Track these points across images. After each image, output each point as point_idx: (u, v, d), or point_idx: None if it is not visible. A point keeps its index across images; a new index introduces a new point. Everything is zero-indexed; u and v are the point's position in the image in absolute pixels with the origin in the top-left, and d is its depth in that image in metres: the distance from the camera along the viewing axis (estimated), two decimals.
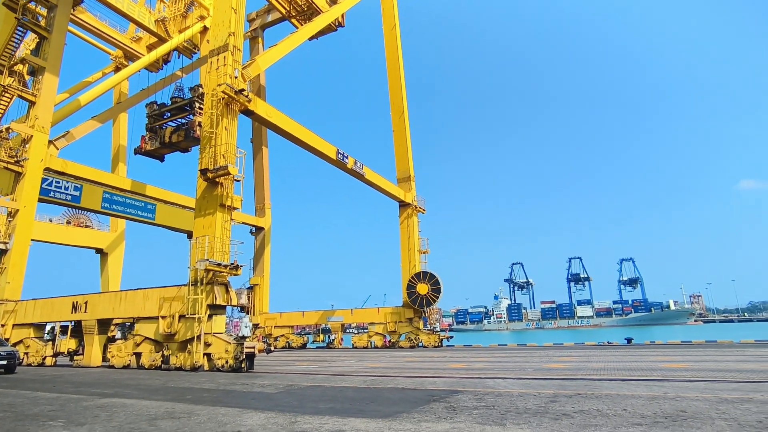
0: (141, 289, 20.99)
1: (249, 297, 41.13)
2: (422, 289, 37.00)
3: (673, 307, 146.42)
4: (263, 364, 21.46)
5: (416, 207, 41.12)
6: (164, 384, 13.06)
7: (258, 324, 42.60)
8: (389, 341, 38.60)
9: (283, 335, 42.73)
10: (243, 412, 7.79)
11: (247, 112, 23.62)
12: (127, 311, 21.12)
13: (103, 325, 22.61)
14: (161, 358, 19.17)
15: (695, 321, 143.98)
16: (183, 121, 27.28)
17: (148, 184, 34.58)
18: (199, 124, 24.97)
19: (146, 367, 19.36)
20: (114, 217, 39.03)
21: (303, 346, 42.13)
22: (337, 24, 37.48)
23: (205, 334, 18.17)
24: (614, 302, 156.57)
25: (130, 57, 42.60)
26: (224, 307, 19.57)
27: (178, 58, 39.60)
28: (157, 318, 19.58)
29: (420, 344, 36.59)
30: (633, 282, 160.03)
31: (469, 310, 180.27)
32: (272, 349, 37.77)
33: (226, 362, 17.52)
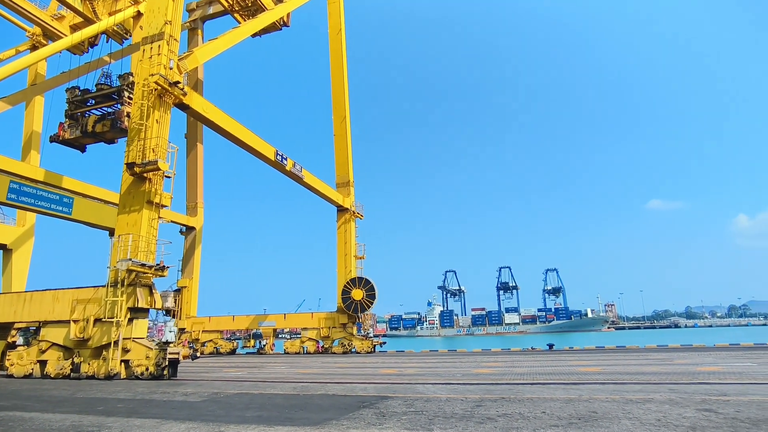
0: (50, 290, 19.19)
1: (176, 300, 38.97)
2: (357, 294, 36.99)
3: (590, 315, 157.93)
4: (188, 370, 20.36)
5: (354, 212, 41.14)
6: (72, 394, 12.00)
7: (184, 329, 40.41)
8: (322, 347, 38.16)
9: (211, 340, 40.83)
10: (161, 423, 7.34)
11: (182, 106, 22.50)
12: (32, 314, 19.20)
13: (3, 329, 20.39)
14: (71, 366, 17.57)
15: (608, 328, 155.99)
16: (109, 110, 25.40)
17: (66, 176, 31.72)
18: (128, 115, 23.32)
19: (52, 376, 17.65)
20: (22, 209, 35.29)
21: (232, 352, 40.50)
22: (282, 23, 36.82)
23: (124, 339, 16.92)
24: (539, 310, 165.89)
25: (51, 36, 38.95)
26: (147, 310, 18.39)
27: (107, 42, 36.75)
28: (68, 322, 17.99)
29: (353, 350, 36.50)
30: (556, 291, 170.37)
31: (403, 316, 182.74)
32: (198, 354, 36.09)
33: (147, 369, 16.42)
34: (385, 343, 40.76)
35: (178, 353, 16.92)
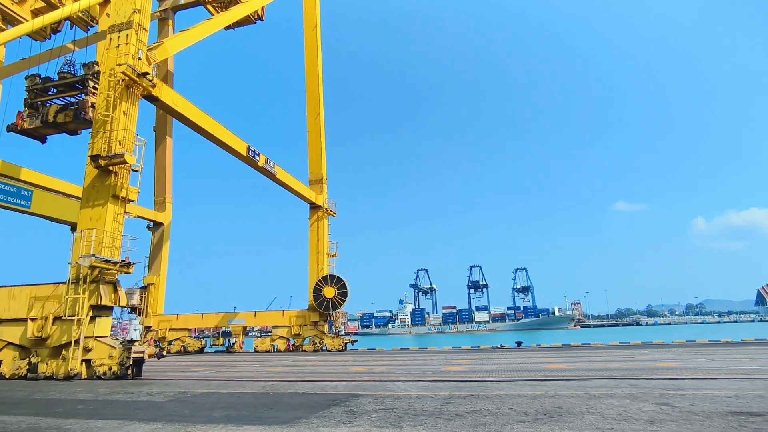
0: (6, 286, 18.29)
1: (142, 297, 37.87)
2: (329, 292, 36.83)
3: (557, 313, 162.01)
4: (154, 370, 19.83)
5: (327, 210, 40.90)
6: (29, 395, 11.51)
7: (150, 327, 39.25)
8: (293, 345, 37.82)
9: (178, 339, 39.83)
10: (124, 424, 7.13)
11: (151, 98, 21.82)
12: None
13: None
14: (27, 366, 16.79)
15: (574, 326, 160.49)
16: (72, 99, 24.36)
17: (24, 167, 30.29)
18: (92, 106, 22.44)
19: (7, 377, 16.83)
20: None
21: (200, 351, 39.62)
22: (256, 17, 36.21)
23: (85, 337, 16.31)
24: (508, 308, 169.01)
25: (10, 20, 37.05)
26: (111, 308, 17.77)
27: (71, 29, 35.18)
28: (25, 320, 17.19)
29: (324, 348, 36.34)
30: (525, 290, 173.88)
31: (375, 314, 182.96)
32: (165, 353, 35.17)
33: (110, 369, 15.88)
34: (356, 341, 40.72)
35: (143, 352, 16.44)
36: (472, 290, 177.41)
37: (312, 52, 42.66)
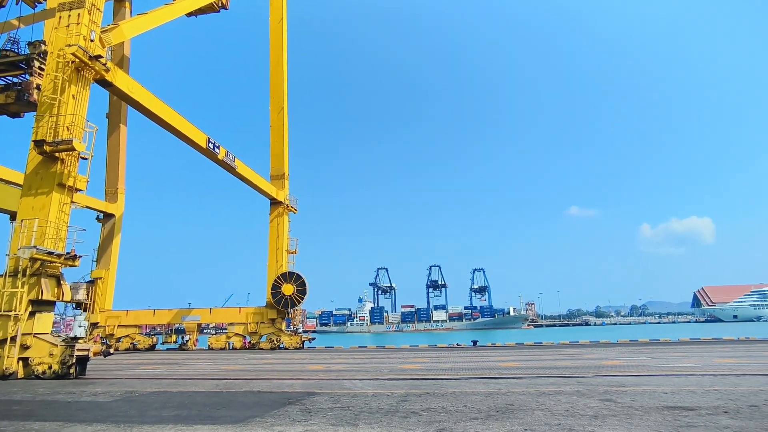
0: None
1: (88, 292, 36.04)
2: (288, 289, 36.35)
3: (512, 313, 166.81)
4: (100, 368, 18.94)
5: (288, 206, 40.34)
6: None
7: (97, 323, 37.44)
8: (249, 343, 37.08)
9: (128, 336, 38.17)
10: (64, 426, 6.76)
11: (104, 83, 20.76)
12: None
13: None
14: None
15: (528, 325, 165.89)
16: (15, 80, 22.81)
17: None
18: (38, 87, 21.09)
19: None
20: None
21: (151, 348, 38.11)
22: (220, 5, 35.00)
23: (23, 334, 15.33)
24: (465, 308, 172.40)
25: None
26: (53, 303, 16.81)
27: (17, 4, 32.95)
28: None
29: (281, 346, 35.85)
30: (482, 290, 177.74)
31: (334, 312, 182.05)
32: (112, 351, 33.52)
33: (50, 368, 15.01)
34: (314, 338, 40.39)
35: (87, 350, 15.63)
36: (431, 289, 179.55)
37: (277, 46, 41.90)
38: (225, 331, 38.96)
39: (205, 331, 69.88)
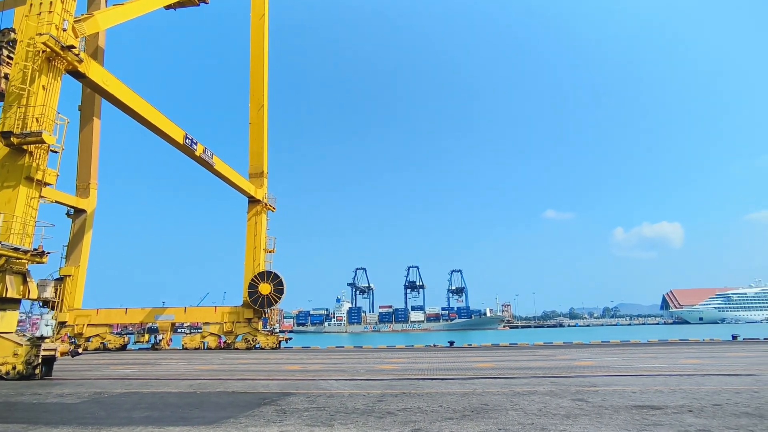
0: None
1: (56, 290, 34.81)
2: (265, 289, 35.95)
3: (488, 315, 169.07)
4: (67, 369, 18.35)
5: (266, 204, 39.89)
6: None
7: (65, 322, 36.23)
8: (224, 342, 36.50)
9: (98, 335, 37.06)
10: (28, 428, 6.53)
11: (77, 74, 20.17)
12: None
13: None
14: None
15: (504, 326, 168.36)
16: None
17: None
18: (6, 76, 20.31)
19: None
20: None
21: (123, 348, 37.11)
22: None
23: None
24: (443, 308, 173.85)
25: None
26: (18, 301, 16.18)
27: None
28: None
29: (257, 345, 35.43)
30: (460, 291, 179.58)
31: (311, 312, 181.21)
32: (81, 351, 32.51)
33: (14, 368, 14.44)
34: (291, 338, 40.00)
35: (54, 349, 15.12)
36: (409, 290, 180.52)
37: (258, 43, 41.36)
38: (200, 330, 38.25)
39: (179, 330, 68.84)
